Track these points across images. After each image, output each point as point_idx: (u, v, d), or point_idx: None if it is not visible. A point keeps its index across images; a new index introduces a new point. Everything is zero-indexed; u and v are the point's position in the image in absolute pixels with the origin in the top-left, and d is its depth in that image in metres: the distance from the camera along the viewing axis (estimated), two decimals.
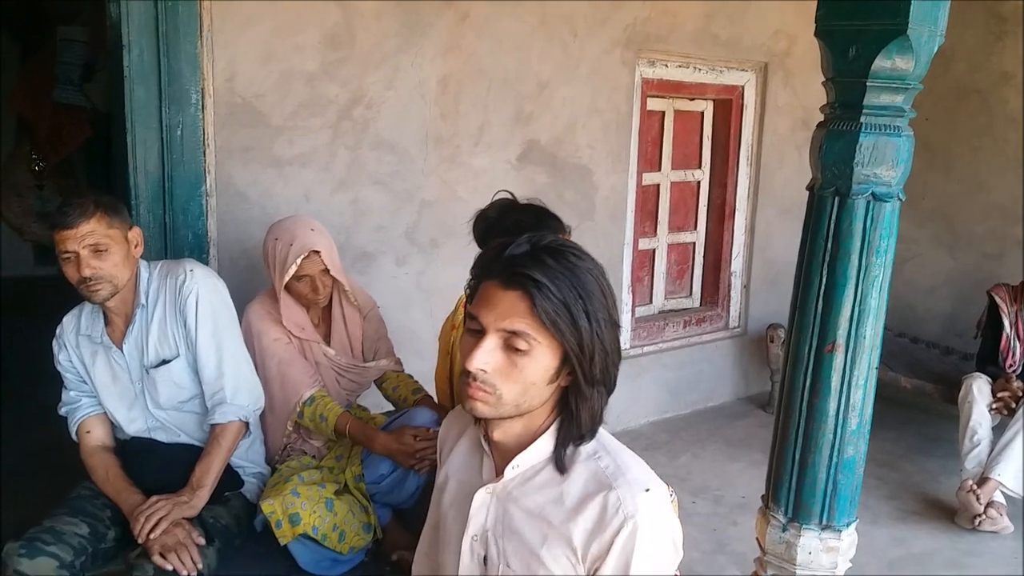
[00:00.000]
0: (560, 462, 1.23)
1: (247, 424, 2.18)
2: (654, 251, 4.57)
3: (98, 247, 1.99)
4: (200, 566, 1.93)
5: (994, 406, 3.57)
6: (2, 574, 1.89)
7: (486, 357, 1.17)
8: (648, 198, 4.44)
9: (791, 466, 1.86)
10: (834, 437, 1.79)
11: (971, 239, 4.78)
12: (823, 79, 1.79)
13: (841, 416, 1.78)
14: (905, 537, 3.37)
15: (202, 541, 1.98)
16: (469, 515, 1.29)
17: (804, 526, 1.86)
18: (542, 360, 1.17)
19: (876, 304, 1.75)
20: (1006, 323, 3.77)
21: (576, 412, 1.22)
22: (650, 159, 4.38)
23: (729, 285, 4.77)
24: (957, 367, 4.25)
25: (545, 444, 1.25)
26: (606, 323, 1.19)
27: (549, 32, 3.60)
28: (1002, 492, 3.38)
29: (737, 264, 4.77)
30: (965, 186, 4.76)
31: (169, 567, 1.88)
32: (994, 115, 4.60)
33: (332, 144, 3.04)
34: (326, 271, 2.30)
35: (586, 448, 1.25)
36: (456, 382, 2.21)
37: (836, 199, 1.73)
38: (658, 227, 4.55)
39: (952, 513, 3.50)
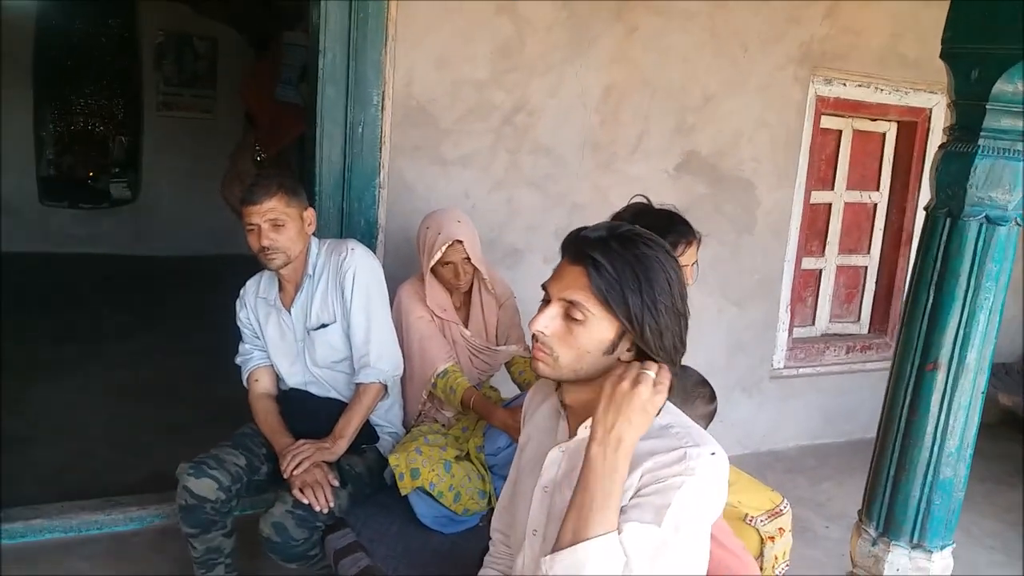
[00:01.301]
0: None
1: (386, 387, 2.44)
2: (820, 271, 4.48)
3: (277, 222, 2.31)
4: (332, 504, 2.20)
5: None
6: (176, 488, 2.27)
7: (547, 322, 1.33)
8: (817, 217, 4.36)
9: (885, 481, 1.87)
10: (930, 456, 1.79)
11: None
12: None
13: (939, 436, 1.78)
14: None
15: (336, 483, 2.25)
16: (543, 469, 1.44)
17: (894, 542, 1.86)
18: (596, 331, 1.31)
19: (984, 328, 1.73)
20: None
21: None
22: (822, 178, 4.31)
23: (900, 314, 4.58)
24: None
25: None
26: (665, 308, 1.31)
27: (719, 46, 3.66)
28: None
29: None
30: None
31: (305, 501, 2.17)
32: None
33: (494, 147, 3.28)
34: (468, 260, 2.53)
35: (662, 420, 1.36)
36: None
37: (948, 220, 1.74)
38: (827, 247, 4.45)
39: None
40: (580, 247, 1.32)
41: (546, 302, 1.36)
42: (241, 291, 2.56)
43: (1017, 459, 4.29)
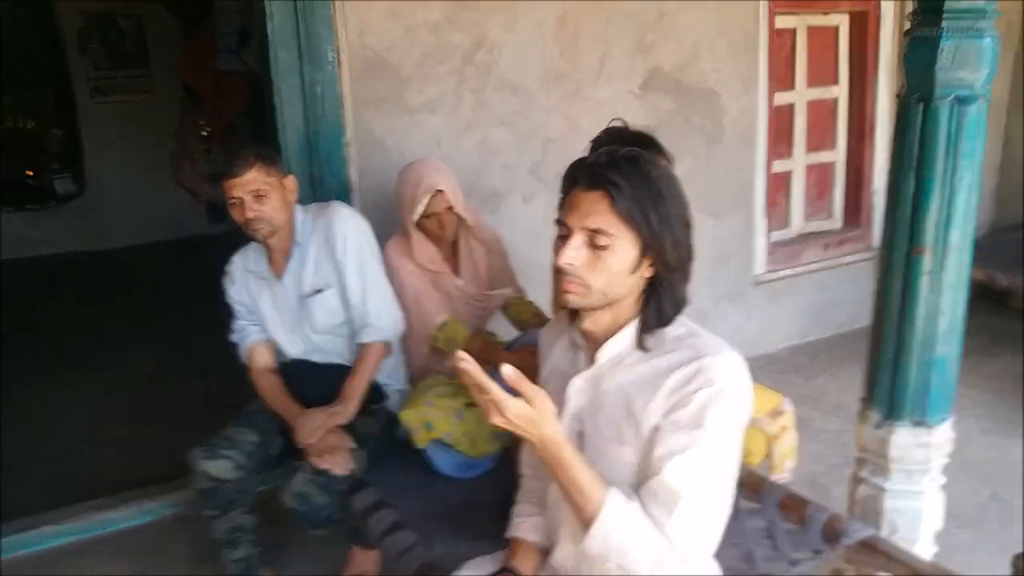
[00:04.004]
0: (643, 343, 1.40)
1: (388, 345, 2.46)
2: (791, 173, 4.52)
3: (259, 192, 2.30)
4: (352, 466, 2.24)
5: None
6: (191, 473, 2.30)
7: (573, 254, 1.35)
8: (782, 119, 4.37)
9: (885, 366, 1.94)
10: (925, 337, 1.86)
11: None
12: None
13: (931, 316, 1.84)
14: None
15: (353, 445, 2.28)
16: (567, 399, 1.48)
17: (897, 423, 1.94)
18: (622, 252, 1.35)
19: (964, 207, 1.78)
20: None
21: (659, 296, 1.39)
22: (782, 79, 4.31)
23: (872, 204, 4.63)
24: None
25: (632, 331, 1.42)
26: (676, 220, 1.36)
27: None
28: None
29: (881, 182, 4.59)
30: None
31: (325, 467, 2.20)
32: None
33: (458, 89, 3.24)
34: (451, 209, 2.52)
35: (676, 332, 1.41)
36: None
37: (920, 105, 1.77)
38: (794, 148, 4.48)
39: None
40: (594, 172, 1.35)
41: (563, 236, 1.37)
42: (228, 267, 2.54)
43: (994, 331, 4.40)
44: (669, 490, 1.31)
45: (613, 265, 1.35)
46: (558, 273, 1.39)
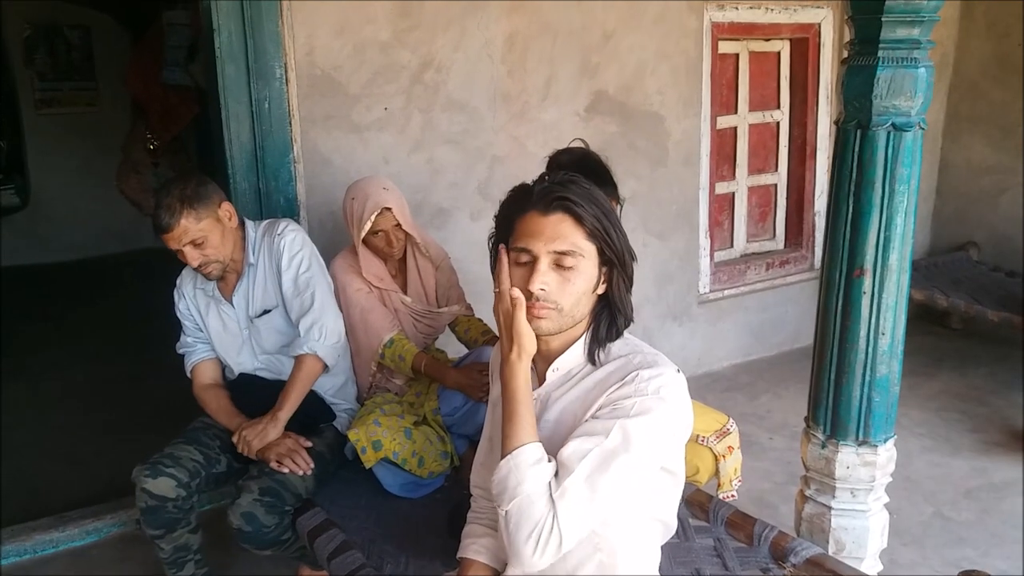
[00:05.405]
0: (594, 355, 1.42)
1: (320, 359, 2.35)
2: (733, 195, 4.61)
3: (195, 241, 2.24)
4: (312, 465, 2.22)
5: None
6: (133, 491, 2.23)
7: (544, 278, 1.35)
8: (725, 142, 4.47)
9: (827, 386, 1.98)
10: (866, 357, 1.90)
11: None
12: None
13: (872, 337, 1.89)
14: (986, 468, 3.38)
15: (309, 444, 2.26)
16: None
17: (841, 442, 1.98)
18: (586, 271, 1.37)
19: (902, 230, 1.84)
20: None
21: (613, 310, 1.42)
22: (725, 102, 4.40)
23: (813, 225, 4.75)
24: None
25: (581, 347, 1.44)
26: (625, 236, 1.41)
27: None
28: None
29: (821, 204, 4.73)
30: None
31: (286, 471, 2.19)
32: None
33: (406, 108, 3.24)
34: (398, 226, 2.50)
35: (620, 348, 1.43)
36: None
37: (858, 131, 1.82)
38: (737, 170, 4.57)
39: None
40: (549, 197, 1.36)
41: (527, 264, 1.37)
42: (178, 281, 2.49)
43: (932, 351, 4.55)
44: (563, 461, 1.32)
45: (579, 285, 1.37)
46: (526, 298, 1.37)
